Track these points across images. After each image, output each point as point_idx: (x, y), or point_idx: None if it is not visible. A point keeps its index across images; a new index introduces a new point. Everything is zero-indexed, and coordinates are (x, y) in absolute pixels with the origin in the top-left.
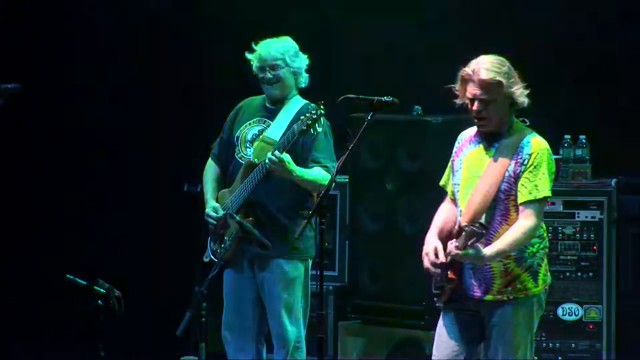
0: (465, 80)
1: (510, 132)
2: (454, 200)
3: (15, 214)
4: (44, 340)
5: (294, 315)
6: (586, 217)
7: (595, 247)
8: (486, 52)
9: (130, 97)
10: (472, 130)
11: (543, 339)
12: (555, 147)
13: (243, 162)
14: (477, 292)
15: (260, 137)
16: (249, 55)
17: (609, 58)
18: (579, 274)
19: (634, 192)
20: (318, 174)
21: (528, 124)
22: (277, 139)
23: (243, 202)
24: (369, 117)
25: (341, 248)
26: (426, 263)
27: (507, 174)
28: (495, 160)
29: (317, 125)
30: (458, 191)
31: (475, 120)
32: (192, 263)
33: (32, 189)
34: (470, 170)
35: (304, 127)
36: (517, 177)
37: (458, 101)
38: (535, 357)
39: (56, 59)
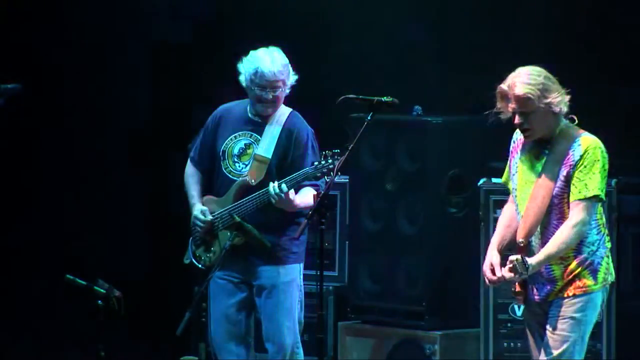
0: (503, 97)
1: (559, 136)
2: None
3: (16, 214)
4: (44, 340)
5: (292, 319)
6: None
7: None
8: (487, 51)
9: (131, 98)
10: None
11: None
12: None
13: (233, 178)
14: (539, 296)
15: (249, 152)
16: (243, 68)
17: (608, 58)
18: None
19: (634, 192)
20: (310, 198)
21: (576, 122)
22: (270, 156)
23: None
24: (369, 117)
25: (341, 248)
26: (486, 280)
27: (558, 179)
28: (547, 169)
29: (325, 177)
30: (516, 196)
31: (523, 134)
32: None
33: (32, 189)
34: (524, 178)
35: (318, 175)
36: (569, 178)
37: (503, 117)
38: None
39: (56, 59)
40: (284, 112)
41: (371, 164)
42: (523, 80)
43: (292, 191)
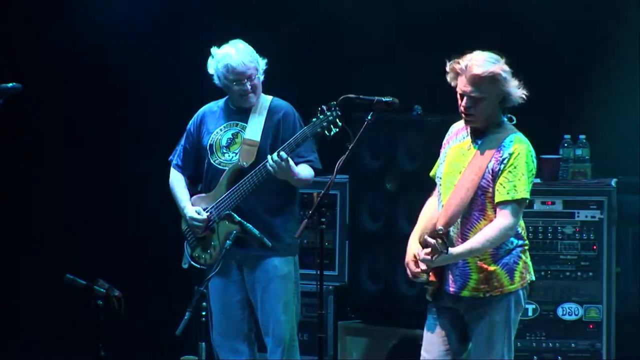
0: (457, 74)
1: (494, 131)
2: None
3: (15, 214)
4: (44, 340)
5: (289, 312)
6: (586, 217)
7: (595, 247)
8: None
9: (131, 97)
10: (462, 123)
11: (543, 338)
12: (555, 147)
13: (223, 168)
14: (454, 288)
15: (238, 140)
16: (213, 69)
17: (608, 58)
18: (579, 273)
19: (634, 192)
20: (309, 172)
21: (515, 122)
22: (258, 139)
23: (234, 206)
24: (369, 117)
25: (341, 248)
26: (409, 272)
27: (486, 171)
28: (477, 159)
29: (332, 127)
30: (440, 185)
31: (463, 115)
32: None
33: (32, 189)
34: (451, 165)
35: (319, 129)
36: (495, 175)
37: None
38: (535, 358)
39: (56, 58)
40: (265, 98)
41: (371, 164)
42: (481, 62)
43: (290, 160)
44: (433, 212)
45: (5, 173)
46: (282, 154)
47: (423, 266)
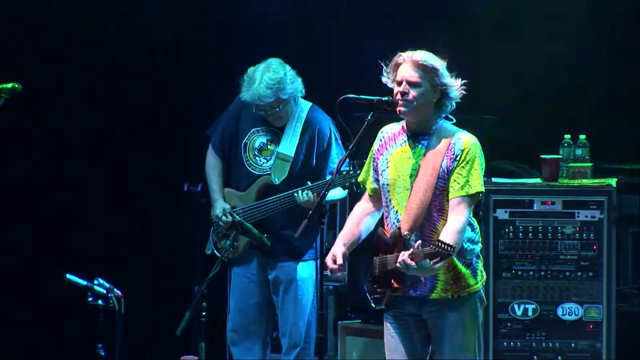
0: (398, 65)
1: (437, 130)
2: (372, 198)
3: (15, 214)
4: (44, 340)
5: (306, 316)
6: (586, 217)
7: (595, 247)
8: (487, 52)
9: (130, 97)
10: (395, 127)
11: (543, 338)
12: (555, 147)
13: (254, 172)
14: (422, 291)
15: (270, 148)
16: (243, 93)
17: (608, 57)
18: (579, 273)
19: (634, 192)
20: (340, 194)
21: (454, 121)
22: (292, 154)
23: (259, 219)
24: (369, 117)
25: None
26: (328, 271)
27: (441, 170)
28: (429, 160)
29: (355, 187)
30: (388, 192)
31: (399, 102)
32: (191, 263)
33: (32, 189)
34: (398, 170)
35: (346, 185)
36: (449, 172)
37: (385, 79)
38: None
39: (55, 58)
40: (303, 107)
41: None
42: (426, 55)
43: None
44: (360, 218)
45: (5, 173)
46: (311, 195)
47: (340, 261)
